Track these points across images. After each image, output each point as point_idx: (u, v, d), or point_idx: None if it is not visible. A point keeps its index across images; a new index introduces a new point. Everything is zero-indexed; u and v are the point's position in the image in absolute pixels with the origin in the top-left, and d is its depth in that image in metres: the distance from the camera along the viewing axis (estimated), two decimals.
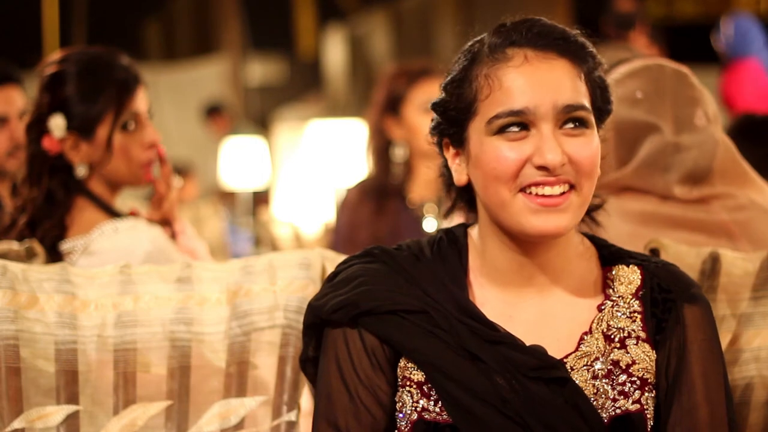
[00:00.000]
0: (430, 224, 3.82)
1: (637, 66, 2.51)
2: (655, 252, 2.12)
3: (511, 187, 1.74)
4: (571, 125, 1.75)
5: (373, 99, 3.97)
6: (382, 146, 3.87)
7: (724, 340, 2.08)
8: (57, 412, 2.05)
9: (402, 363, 1.79)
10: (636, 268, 1.84)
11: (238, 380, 2.11)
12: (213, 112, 10.85)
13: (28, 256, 2.48)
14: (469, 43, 1.86)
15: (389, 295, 1.79)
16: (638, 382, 1.77)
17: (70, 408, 2.06)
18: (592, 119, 1.78)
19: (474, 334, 1.75)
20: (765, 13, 11.03)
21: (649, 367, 1.78)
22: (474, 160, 1.78)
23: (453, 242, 1.86)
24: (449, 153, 1.84)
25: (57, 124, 2.65)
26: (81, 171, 2.65)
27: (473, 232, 1.86)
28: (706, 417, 1.77)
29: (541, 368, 1.74)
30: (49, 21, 6.37)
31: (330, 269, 2.16)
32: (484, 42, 1.82)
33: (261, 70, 15.86)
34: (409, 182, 3.85)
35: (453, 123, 1.81)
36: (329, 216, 6.09)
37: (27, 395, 2.05)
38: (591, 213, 1.90)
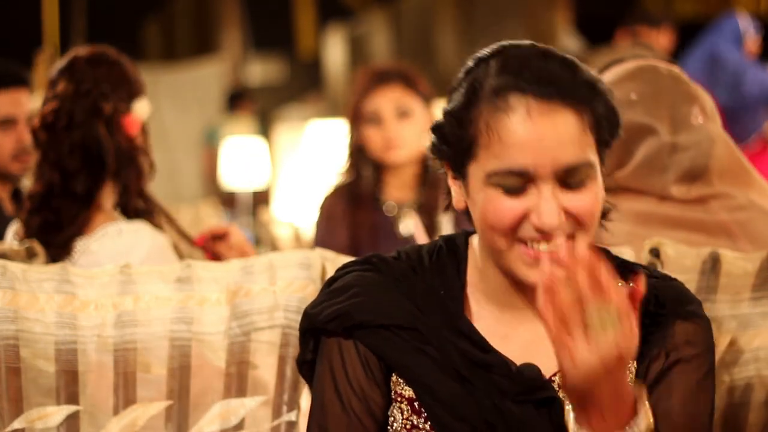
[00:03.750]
0: (406, 226, 3.81)
1: (631, 67, 2.50)
2: (654, 252, 2.12)
3: (508, 239, 1.70)
4: (571, 182, 1.69)
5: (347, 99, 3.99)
6: (352, 150, 3.87)
7: (724, 341, 2.08)
8: (57, 413, 2.05)
9: (394, 378, 1.77)
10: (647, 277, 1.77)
11: (237, 380, 2.11)
12: (236, 98, 10.88)
13: (28, 256, 2.49)
14: (474, 63, 1.76)
15: (382, 308, 1.76)
16: None
17: (70, 408, 2.06)
18: (597, 171, 1.72)
19: (463, 356, 1.73)
20: (765, 13, 11.02)
21: (630, 381, 1.74)
22: (472, 200, 1.74)
23: (453, 252, 1.82)
24: (448, 174, 1.79)
25: (144, 106, 2.65)
26: (146, 163, 2.65)
27: (475, 242, 1.82)
28: (681, 426, 1.73)
29: (528, 392, 1.72)
30: (48, 21, 6.37)
31: (330, 269, 2.16)
32: (488, 75, 1.72)
33: (261, 70, 15.86)
34: (381, 185, 3.85)
35: (452, 153, 1.76)
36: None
37: (27, 395, 2.05)
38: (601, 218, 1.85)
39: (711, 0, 10.99)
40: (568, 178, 1.68)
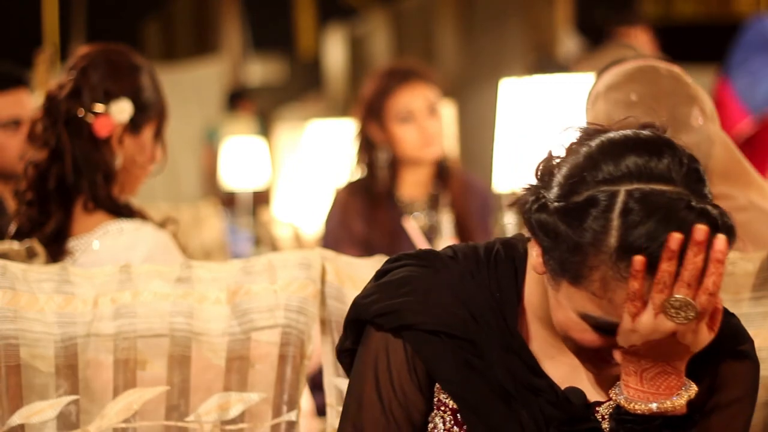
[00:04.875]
0: (412, 224, 3.81)
1: (630, 68, 2.50)
2: None
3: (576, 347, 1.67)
4: None
5: (359, 97, 3.96)
6: (365, 148, 3.87)
7: None
8: (53, 406, 2.05)
9: (438, 385, 1.73)
10: None
11: (237, 379, 2.11)
12: (237, 97, 10.88)
13: (29, 256, 2.49)
14: (593, 178, 1.59)
15: (436, 312, 1.70)
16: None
17: (67, 399, 2.05)
18: None
19: (514, 376, 1.69)
20: (765, 13, 11.01)
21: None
22: (554, 305, 1.65)
23: (510, 260, 1.74)
24: (535, 245, 1.66)
25: (123, 108, 2.63)
26: (119, 163, 2.64)
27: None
28: None
29: (570, 422, 1.69)
30: (48, 21, 6.37)
31: (330, 269, 2.16)
32: (612, 225, 1.56)
33: (261, 70, 15.86)
34: (396, 183, 3.85)
35: (549, 253, 1.63)
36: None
37: (26, 394, 2.05)
38: None
39: (711, 0, 10.99)
40: None
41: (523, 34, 9.35)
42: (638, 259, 1.54)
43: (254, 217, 8.78)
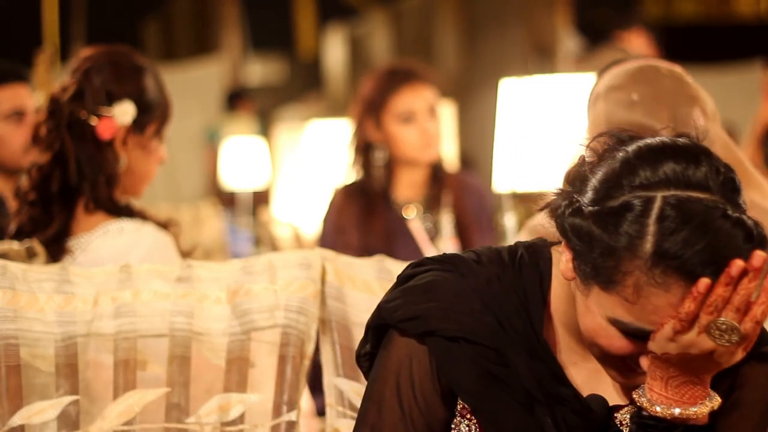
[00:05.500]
0: (415, 226, 3.81)
1: (631, 68, 2.50)
2: None
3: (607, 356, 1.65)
4: None
5: (357, 94, 3.95)
6: (362, 148, 3.86)
7: None
8: (54, 406, 2.05)
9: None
10: None
11: (237, 379, 2.11)
12: (236, 97, 10.88)
13: (29, 256, 2.48)
14: (629, 181, 1.59)
15: (463, 318, 1.68)
16: None
17: (67, 399, 2.06)
18: None
19: (538, 384, 1.68)
20: (765, 13, 11.02)
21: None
22: (583, 310, 1.64)
23: (535, 265, 1.72)
24: (566, 250, 1.65)
25: (126, 110, 2.63)
26: (123, 164, 2.64)
27: (556, 259, 1.71)
28: None
29: (591, 429, 1.68)
30: (48, 21, 6.36)
31: (330, 270, 2.16)
32: (649, 231, 1.55)
33: (261, 70, 15.86)
34: (392, 184, 3.84)
35: (580, 258, 1.62)
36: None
37: (26, 394, 2.05)
38: None
39: (711, 0, 10.99)
40: None
41: (523, 34, 9.36)
42: (704, 282, 1.52)
43: (254, 217, 8.78)
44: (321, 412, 3.37)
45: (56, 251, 2.59)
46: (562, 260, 1.66)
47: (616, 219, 1.57)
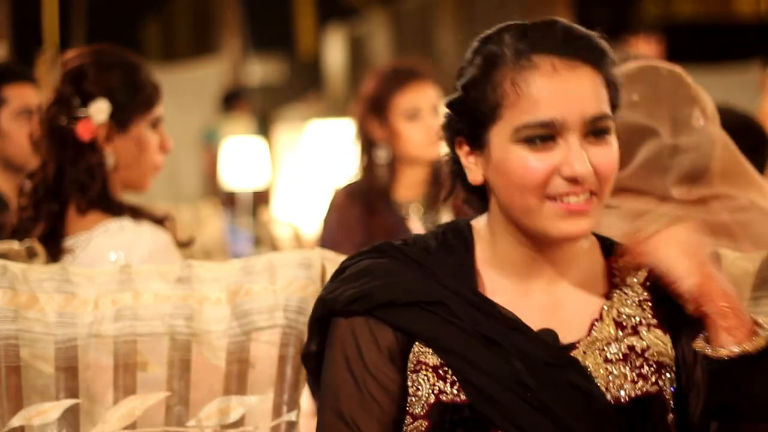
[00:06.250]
0: (415, 226, 3.81)
1: (631, 69, 2.50)
2: None
3: (539, 196, 1.76)
4: (594, 135, 1.77)
5: (359, 94, 3.95)
6: (365, 146, 3.86)
7: None
8: (55, 408, 2.05)
9: (416, 348, 1.81)
10: None
11: (237, 379, 2.11)
12: (232, 98, 10.87)
13: (29, 256, 2.49)
14: (481, 42, 1.83)
15: (405, 287, 1.80)
16: (654, 366, 1.81)
17: (68, 402, 2.06)
18: (613, 127, 1.80)
19: (491, 327, 1.78)
20: (765, 13, 11.02)
21: (663, 351, 1.82)
22: (496, 165, 1.79)
23: (458, 234, 1.87)
24: (462, 150, 1.84)
25: (101, 108, 2.64)
26: (110, 161, 2.65)
27: (478, 225, 1.88)
28: None
29: (550, 354, 1.78)
30: (48, 21, 6.37)
31: (330, 269, 2.15)
32: (505, 44, 1.79)
33: (261, 71, 15.85)
34: (393, 183, 3.84)
35: (471, 124, 1.81)
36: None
37: (26, 395, 2.05)
38: None
39: (711, 0, 10.99)
40: (593, 130, 1.76)
41: None
42: (526, 47, 1.77)
43: (254, 217, 8.77)
44: None
45: (56, 251, 2.60)
46: (467, 167, 1.83)
47: (470, 63, 1.80)
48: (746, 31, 10.40)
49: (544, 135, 1.75)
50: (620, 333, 1.82)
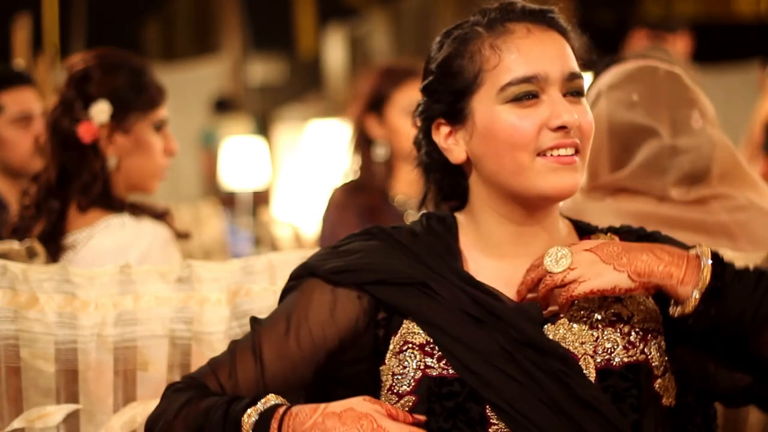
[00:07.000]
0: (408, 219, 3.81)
1: (631, 68, 2.51)
2: None
3: (530, 152, 1.81)
4: (572, 94, 1.84)
5: (357, 93, 3.94)
6: (362, 144, 3.85)
7: None
8: (57, 412, 2.05)
9: (402, 330, 1.83)
10: (614, 235, 1.93)
11: None
12: (222, 106, 10.87)
13: (29, 256, 2.49)
14: (444, 34, 1.92)
15: (392, 268, 1.84)
16: (641, 333, 1.83)
17: (69, 407, 2.06)
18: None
19: (475, 303, 1.81)
20: (765, 13, 11.02)
21: (647, 317, 1.85)
22: (482, 132, 1.83)
23: (441, 221, 1.93)
24: (440, 134, 1.89)
25: (102, 109, 2.66)
26: (112, 162, 2.67)
27: (459, 215, 1.93)
28: None
29: (533, 331, 1.80)
30: (48, 21, 6.37)
31: None
32: (475, 23, 1.88)
33: (261, 70, 15.85)
34: (391, 181, 3.84)
35: (450, 100, 1.86)
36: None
37: (27, 395, 2.05)
38: None
39: (711, 0, 10.99)
40: (570, 90, 1.83)
41: None
42: (498, 18, 1.86)
43: (254, 217, 8.77)
44: None
45: (56, 248, 2.61)
46: (448, 149, 1.88)
47: (441, 45, 1.90)
48: (746, 31, 10.40)
49: (529, 92, 1.81)
50: (604, 301, 1.84)
